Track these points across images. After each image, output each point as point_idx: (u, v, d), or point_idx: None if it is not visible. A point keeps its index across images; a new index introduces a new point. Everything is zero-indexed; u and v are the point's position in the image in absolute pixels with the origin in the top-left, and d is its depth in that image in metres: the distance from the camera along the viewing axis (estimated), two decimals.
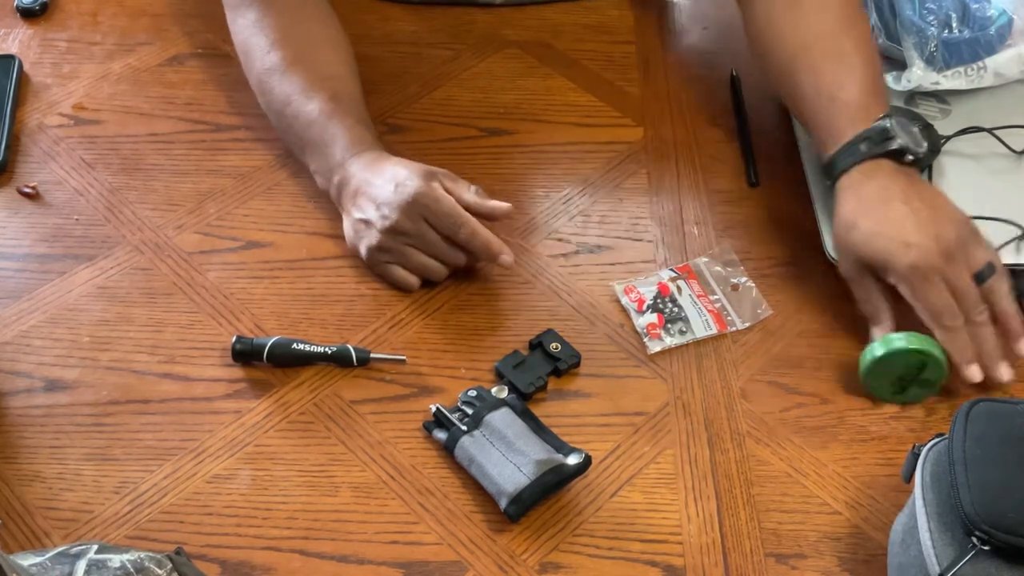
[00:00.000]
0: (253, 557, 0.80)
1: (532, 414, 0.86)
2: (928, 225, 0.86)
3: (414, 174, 0.92)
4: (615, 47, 1.17)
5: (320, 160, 0.98)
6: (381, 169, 0.94)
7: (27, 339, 0.92)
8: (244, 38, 1.05)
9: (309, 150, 0.99)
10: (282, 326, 0.93)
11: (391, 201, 0.91)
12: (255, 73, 1.04)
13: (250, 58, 1.04)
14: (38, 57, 1.16)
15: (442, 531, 0.81)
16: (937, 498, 0.71)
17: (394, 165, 0.94)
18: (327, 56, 1.03)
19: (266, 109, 1.04)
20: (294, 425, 0.87)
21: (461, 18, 1.20)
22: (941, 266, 0.85)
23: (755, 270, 0.98)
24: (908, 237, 0.86)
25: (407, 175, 0.92)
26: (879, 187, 0.89)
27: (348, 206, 0.96)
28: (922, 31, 1.05)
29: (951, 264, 0.85)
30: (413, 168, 0.93)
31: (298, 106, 0.99)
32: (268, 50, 1.02)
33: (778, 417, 0.88)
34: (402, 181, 0.92)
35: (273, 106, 1.02)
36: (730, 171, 1.06)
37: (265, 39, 1.02)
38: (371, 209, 0.93)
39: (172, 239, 0.99)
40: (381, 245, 0.93)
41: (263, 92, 1.03)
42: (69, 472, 0.84)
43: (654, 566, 0.80)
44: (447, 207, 0.91)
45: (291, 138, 1.02)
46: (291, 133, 1.01)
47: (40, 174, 1.04)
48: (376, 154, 0.96)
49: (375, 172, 0.94)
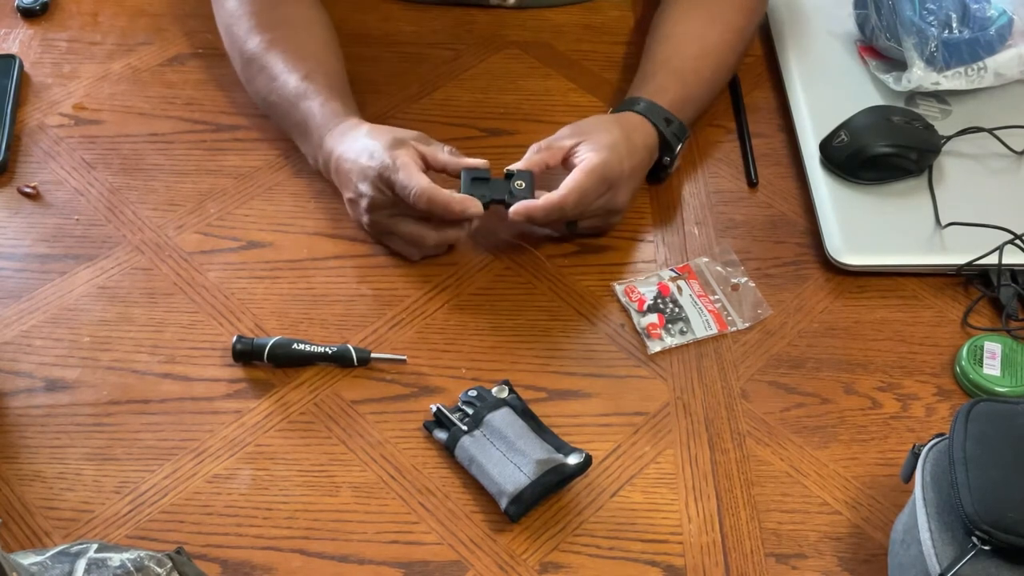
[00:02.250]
0: (253, 557, 0.80)
1: (532, 414, 0.86)
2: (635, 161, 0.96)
3: (379, 145, 0.92)
4: (615, 48, 1.17)
5: (304, 142, 1.00)
6: (353, 141, 0.94)
7: (28, 339, 0.92)
8: (226, 26, 1.06)
9: (295, 134, 1.01)
10: (282, 326, 0.93)
11: (362, 178, 0.92)
12: (239, 62, 1.05)
13: (233, 47, 1.05)
14: (38, 57, 1.16)
15: (442, 531, 0.81)
16: (937, 498, 0.71)
17: (364, 136, 0.94)
18: (303, 37, 1.04)
19: (254, 97, 1.05)
20: (294, 425, 0.87)
21: (461, 18, 1.20)
22: (603, 191, 0.93)
23: (755, 270, 0.98)
24: (622, 149, 0.95)
25: (372, 148, 0.92)
26: (642, 131, 0.98)
27: (337, 184, 0.97)
28: (922, 31, 1.05)
29: (617, 192, 0.95)
30: (380, 139, 0.93)
31: (279, 90, 1.00)
32: (247, 36, 1.03)
33: (778, 417, 0.88)
34: (369, 156, 0.92)
35: (259, 94, 1.03)
36: (730, 171, 1.06)
37: (245, 25, 1.04)
38: (351, 187, 0.94)
39: (172, 239, 0.99)
40: (371, 222, 0.95)
41: (248, 81, 1.04)
42: (69, 472, 0.84)
43: (654, 566, 0.80)
44: (401, 180, 0.89)
45: (279, 123, 1.03)
46: (277, 118, 1.03)
47: (40, 174, 1.04)
48: (348, 124, 0.96)
49: (348, 146, 0.94)
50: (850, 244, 0.97)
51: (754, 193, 1.04)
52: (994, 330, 0.93)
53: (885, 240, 0.98)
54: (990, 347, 0.91)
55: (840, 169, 1.01)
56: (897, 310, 0.95)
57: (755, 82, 1.14)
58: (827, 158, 1.02)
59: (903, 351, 0.92)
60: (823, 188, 1.01)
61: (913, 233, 0.98)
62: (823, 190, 1.01)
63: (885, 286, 0.97)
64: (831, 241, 0.97)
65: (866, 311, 0.95)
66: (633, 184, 0.97)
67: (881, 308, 0.95)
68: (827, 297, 0.96)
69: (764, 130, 1.10)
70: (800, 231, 1.01)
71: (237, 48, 1.04)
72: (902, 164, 1.01)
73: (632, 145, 0.96)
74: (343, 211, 1.00)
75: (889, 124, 1.01)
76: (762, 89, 1.13)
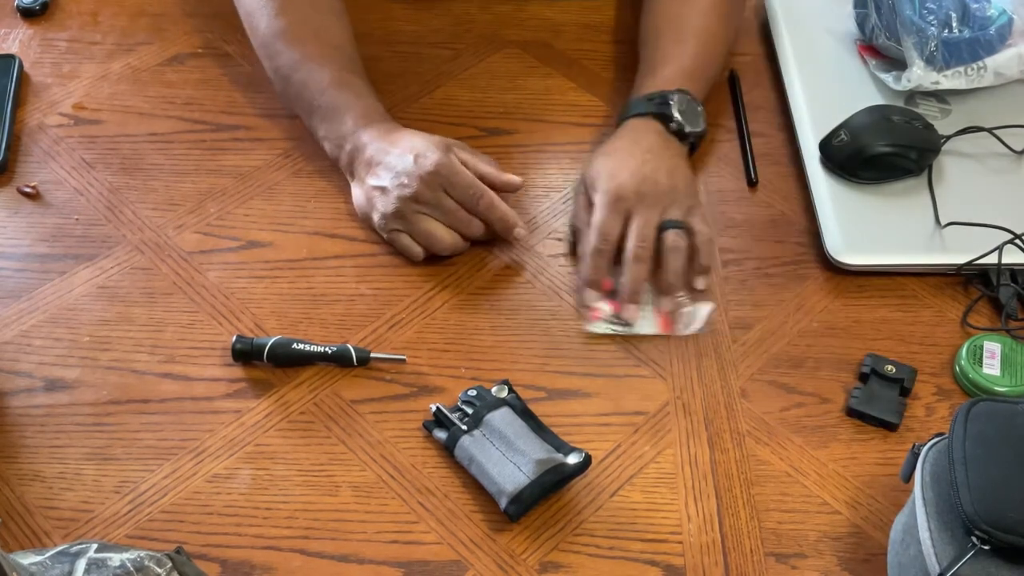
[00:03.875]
0: (253, 556, 0.80)
1: (532, 413, 0.86)
2: (646, 170, 0.96)
3: (432, 145, 0.94)
4: (615, 47, 1.17)
5: (330, 127, 1.00)
6: (398, 139, 0.96)
7: (27, 339, 0.92)
8: (249, 1, 1.06)
9: (319, 116, 1.01)
10: (282, 326, 0.93)
11: (411, 171, 0.93)
12: (260, 36, 1.05)
13: (254, 21, 1.06)
14: (38, 57, 1.16)
15: (442, 531, 0.81)
16: (937, 497, 0.71)
17: (411, 136, 0.97)
18: (332, 24, 1.06)
19: (271, 73, 1.05)
20: (294, 425, 0.87)
21: (461, 18, 1.20)
22: (632, 204, 0.94)
23: (755, 269, 0.98)
24: (619, 171, 0.95)
25: (425, 146, 0.94)
26: (635, 133, 1.00)
27: (362, 174, 0.97)
28: (922, 31, 1.05)
29: (640, 206, 0.94)
30: (430, 139, 0.96)
31: (308, 72, 1.01)
32: (275, 14, 1.04)
33: (778, 417, 0.88)
34: (422, 152, 0.94)
35: (281, 71, 1.04)
36: (730, 170, 1.06)
37: (271, 2, 1.04)
38: (388, 177, 0.94)
39: (172, 239, 0.99)
40: (397, 212, 0.95)
41: (269, 56, 1.05)
42: (69, 472, 0.84)
43: (654, 566, 0.80)
44: (467, 179, 0.94)
45: (299, 104, 1.03)
46: (300, 99, 1.03)
47: (40, 174, 1.04)
48: (390, 125, 0.99)
49: (391, 142, 0.96)
50: (850, 244, 0.97)
51: (754, 192, 1.04)
52: (994, 330, 0.93)
53: (885, 240, 0.98)
54: (990, 347, 0.91)
55: (840, 169, 1.01)
56: (897, 310, 0.95)
57: (755, 81, 1.14)
58: (827, 157, 1.02)
59: (903, 351, 0.92)
60: (823, 188, 1.01)
61: (913, 233, 0.98)
62: (823, 190, 1.01)
63: (885, 286, 0.97)
64: (831, 240, 0.97)
65: (866, 311, 0.95)
66: (681, 174, 0.99)
67: (881, 308, 0.95)
68: (827, 297, 0.96)
69: (764, 129, 1.10)
70: (800, 231, 1.01)
71: (260, 22, 1.05)
72: (902, 164, 1.01)
73: (644, 146, 0.98)
74: (343, 211, 1.00)
75: (889, 123, 1.01)
76: (762, 88, 1.13)
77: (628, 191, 0.94)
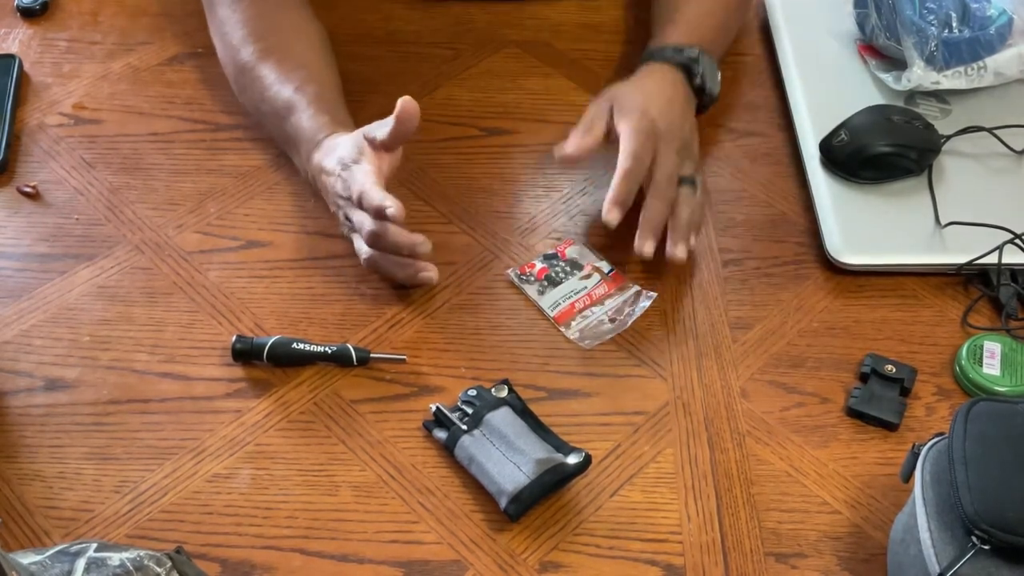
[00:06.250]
0: (253, 556, 0.80)
1: (532, 413, 0.86)
2: (672, 115, 0.97)
3: (344, 145, 0.93)
4: (615, 46, 1.17)
5: (294, 154, 1.00)
6: (331, 151, 0.94)
7: (27, 338, 0.92)
8: (220, 35, 1.06)
9: (286, 146, 1.01)
10: (282, 325, 0.93)
11: (332, 185, 0.93)
12: (232, 72, 1.05)
13: (227, 56, 1.05)
14: (38, 57, 1.16)
15: (442, 530, 0.81)
16: (937, 497, 0.71)
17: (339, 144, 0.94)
18: (296, 46, 1.04)
19: (247, 106, 1.05)
20: (294, 425, 0.87)
21: (461, 18, 1.20)
22: (656, 143, 0.94)
23: (755, 270, 0.98)
24: (650, 108, 0.96)
25: (340, 152, 0.93)
26: (662, 79, 1.01)
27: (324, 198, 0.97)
28: (922, 31, 1.05)
29: (667, 147, 0.95)
30: (334, 158, 0.93)
31: (270, 101, 1.00)
32: (241, 46, 1.03)
33: (778, 417, 0.88)
34: (337, 159, 0.92)
35: (252, 103, 1.03)
36: (730, 170, 1.06)
37: (239, 33, 1.03)
38: (330, 200, 0.95)
39: (172, 238, 0.99)
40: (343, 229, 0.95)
41: (241, 90, 1.04)
42: (69, 471, 0.84)
43: (654, 565, 0.80)
44: (349, 177, 0.91)
45: (272, 134, 1.03)
46: (269, 128, 1.03)
47: (40, 173, 1.04)
48: (330, 142, 0.95)
49: (328, 157, 0.94)
50: (850, 243, 0.97)
51: (754, 193, 1.04)
52: (994, 329, 0.93)
53: (885, 239, 0.98)
54: (990, 346, 0.91)
55: (840, 168, 1.01)
56: (897, 309, 0.95)
57: (755, 81, 1.14)
58: (827, 157, 1.02)
59: (903, 351, 0.92)
60: (823, 187, 1.01)
61: (913, 232, 0.98)
62: (823, 189, 1.01)
63: (885, 285, 0.97)
64: (831, 240, 0.97)
65: (866, 310, 0.95)
66: (694, 130, 1.00)
67: (881, 307, 0.95)
68: (827, 296, 0.96)
69: (764, 129, 1.10)
70: (800, 230, 1.01)
71: (231, 57, 1.04)
72: (902, 163, 1.01)
73: (670, 93, 0.99)
74: None
75: (889, 123, 1.01)
76: (762, 88, 1.13)
77: (659, 129, 0.94)
